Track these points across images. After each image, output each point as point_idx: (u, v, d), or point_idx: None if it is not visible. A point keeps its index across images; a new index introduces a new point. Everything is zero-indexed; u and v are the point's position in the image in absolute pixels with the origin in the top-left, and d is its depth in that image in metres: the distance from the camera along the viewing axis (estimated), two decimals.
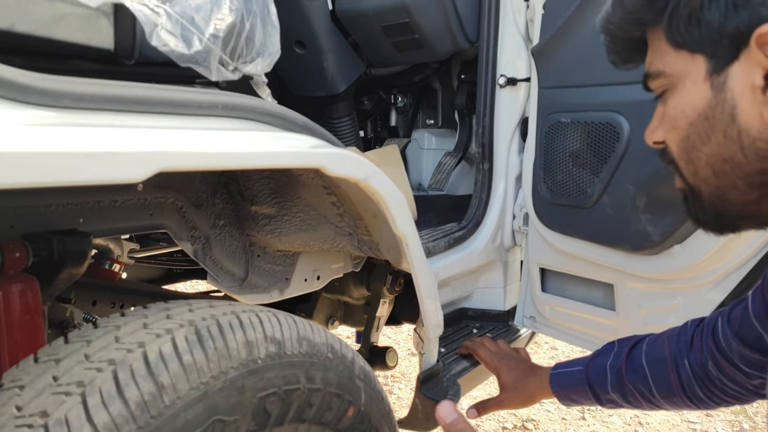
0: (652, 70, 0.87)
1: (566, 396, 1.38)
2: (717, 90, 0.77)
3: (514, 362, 1.54)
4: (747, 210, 0.82)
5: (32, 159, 0.65)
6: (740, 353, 1.07)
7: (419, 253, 1.39)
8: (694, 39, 0.78)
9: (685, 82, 0.82)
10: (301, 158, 1.03)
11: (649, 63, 0.88)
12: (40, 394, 0.74)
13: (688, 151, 0.84)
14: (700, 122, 0.80)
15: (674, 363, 1.21)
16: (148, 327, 0.88)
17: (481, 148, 2.01)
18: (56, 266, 1.14)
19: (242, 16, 1.21)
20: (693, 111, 0.81)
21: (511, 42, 1.95)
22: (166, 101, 0.92)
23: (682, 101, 0.82)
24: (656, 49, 0.85)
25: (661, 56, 0.84)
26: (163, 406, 0.78)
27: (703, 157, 0.82)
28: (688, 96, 0.81)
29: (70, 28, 0.97)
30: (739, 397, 1.15)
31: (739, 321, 1.08)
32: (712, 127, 0.79)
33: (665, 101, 0.87)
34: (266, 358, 0.94)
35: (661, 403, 1.25)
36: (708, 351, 1.16)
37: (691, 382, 1.19)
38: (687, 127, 0.82)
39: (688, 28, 0.78)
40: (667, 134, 0.87)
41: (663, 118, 0.88)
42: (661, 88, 0.87)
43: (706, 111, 0.79)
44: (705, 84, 0.79)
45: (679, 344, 1.22)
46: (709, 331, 1.17)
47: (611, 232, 1.64)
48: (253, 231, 1.52)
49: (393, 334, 4.43)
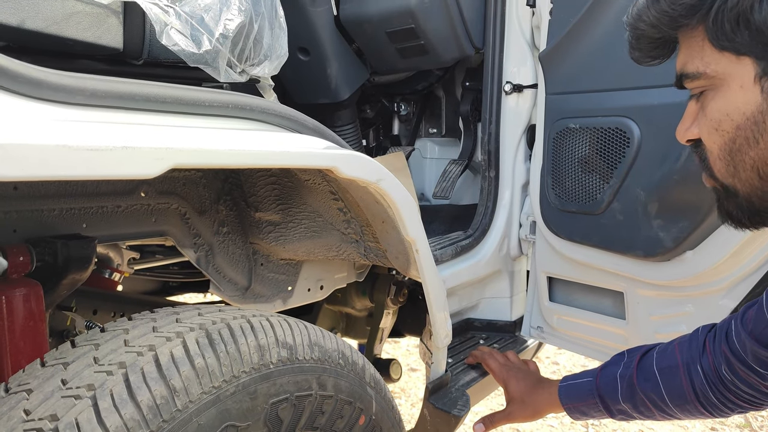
0: (690, 71, 0.85)
1: (576, 409, 1.36)
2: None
3: (523, 375, 1.52)
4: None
5: (47, 152, 0.64)
6: (755, 354, 1.06)
7: (429, 259, 1.37)
8: (742, 41, 0.77)
9: (729, 84, 0.80)
10: (314, 158, 1.01)
11: (685, 63, 0.87)
12: (49, 398, 0.72)
13: (732, 153, 0.83)
14: (748, 126, 0.79)
15: (687, 369, 1.19)
16: (158, 330, 0.86)
17: (486, 155, 2.00)
18: (60, 271, 1.12)
19: (251, 17, 1.20)
20: (740, 115, 0.80)
21: (516, 48, 1.94)
22: (177, 100, 0.90)
23: (728, 104, 0.81)
24: (694, 49, 0.84)
25: (701, 57, 0.83)
26: (176, 410, 0.75)
27: (749, 160, 0.81)
28: (734, 99, 0.80)
29: (80, 26, 0.96)
30: (753, 401, 1.13)
31: (753, 321, 1.06)
32: (762, 131, 0.78)
33: (704, 102, 0.86)
34: (278, 363, 0.92)
35: (674, 411, 1.23)
36: (721, 354, 1.14)
37: (704, 387, 1.17)
38: (733, 130, 0.81)
39: (736, 29, 0.77)
40: (707, 136, 0.86)
41: (699, 118, 0.87)
42: (700, 88, 0.86)
43: (755, 115, 0.78)
44: (754, 87, 0.77)
45: (691, 350, 1.21)
46: (723, 335, 1.15)
47: (622, 238, 1.62)
48: (257, 238, 1.50)
49: (391, 350, 4.39)
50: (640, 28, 0.88)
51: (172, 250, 1.73)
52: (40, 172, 0.63)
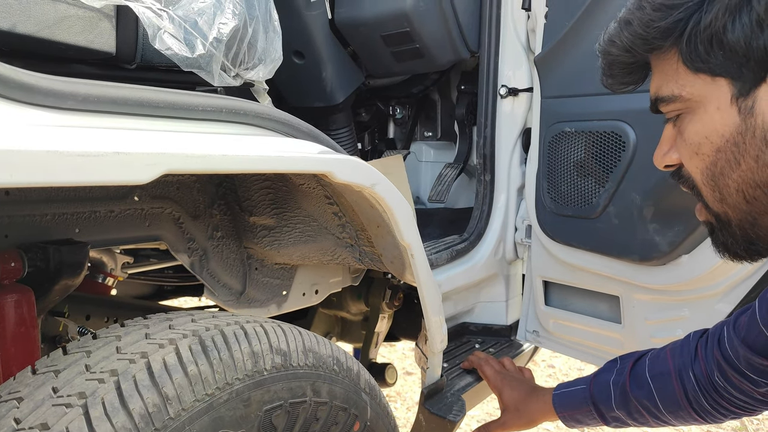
0: (665, 94, 0.84)
1: (570, 417, 1.35)
2: (745, 114, 0.75)
3: (517, 383, 1.52)
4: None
5: (39, 158, 0.63)
6: (747, 360, 1.05)
7: (424, 264, 1.36)
8: (716, 62, 0.76)
9: (706, 106, 0.79)
10: (308, 163, 1.01)
11: (659, 86, 0.85)
12: (39, 406, 0.71)
13: (715, 178, 0.82)
14: (728, 148, 0.78)
15: (678, 375, 1.19)
16: (151, 337, 0.85)
17: (482, 159, 1.99)
18: (52, 277, 1.11)
19: (245, 21, 1.19)
20: (719, 137, 0.79)
21: (512, 52, 1.94)
22: (170, 104, 0.89)
23: (705, 127, 0.80)
24: (668, 72, 0.83)
25: (675, 80, 0.82)
26: (168, 418, 0.75)
27: (732, 183, 0.80)
28: (712, 121, 0.79)
29: (71, 30, 0.95)
30: (746, 408, 1.13)
31: (745, 328, 1.06)
32: (743, 152, 0.77)
33: (681, 125, 0.84)
34: (272, 370, 0.91)
35: (668, 417, 1.22)
36: (714, 361, 1.14)
37: (696, 394, 1.16)
38: (713, 153, 0.80)
39: (710, 51, 0.76)
40: (688, 160, 0.85)
41: (678, 142, 0.86)
42: (676, 112, 0.85)
43: (734, 136, 0.77)
44: (731, 108, 0.77)
45: (683, 356, 1.20)
46: (715, 341, 1.15)
47: (617, 242, 1.62)
48: (251, 243, 1.49)
49: (387, 353, 4.38)
50: (612, 53, 0.87)
51: (166, 254, 1.72)
52: (30, 179, 0.62)
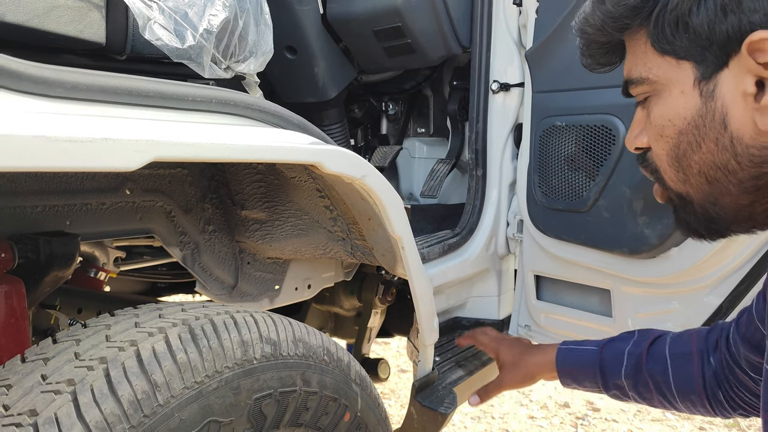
0: (634, 76, 0.85)
1: (569, 374, 1.31)
2: (706, 98, 0.76)
3: (515, 341, 1.47)
4: (740, 214, 0.81)
5: (27, 143, 0.63)
6: (747, 358, 1.06)
7: (415, 256, 1.36)
8: (681, 45, 0.77)
9: (671, 89, 0.80)
10: (298, 153, 1.01)
11: (630, 68, 0.86)
12: (28, 393, 0.72)
13: (678, 159, 0.83)
14: (690, 131, 0.79)
15: (701, 359, 1.17)
16: (140, 326, 0.85)
17: (474, 154, 2.00)
18: (43, 268, 1.11)
19: (236, 14, 1.20)
20: (682, 119, 0.79)
21: (503, 47, 1.94)
22: (160, 94, 0.89)
23: (669, 109, 0.81)
24: (638, 53, 0.84)
25: (644, 62, 0.83)
26: (157, 405, 0.75)
27: (695, 165, 0.81)
28: (676, 104, 0.80)
29: (61, 20, 0.95)
30: (756, 406, 1.11)
31: (745, 326, 1.06)
32: (703, 135, 0.78)
33: (649, 108, 0.85)
34: (262, 359, 0.92)
35: (675, 399, 1.19)
36: (724, 357, 1.14)
37: (713, 382, 1.15)
38: (676, 135, 0.81)
39: (676, 33, 0.76)
40: (654, 143, 0.86)
41: (646, 125, 0.87)
42: (643, 94, 0.85)
43: (695, 119, 0.78)
44: (694, 91, 0.77)
45: (708, 342, 1.18)
46: (724, 338, 1.15)
47: (608, 236, 1.63)
48: (243, 237, 1.50)
49: (381, 351, 4.39)
50: (587, 32, 0.88)
51: (159, 251, 1.73)
52: (17, 163, 0.62)
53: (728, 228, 0.85)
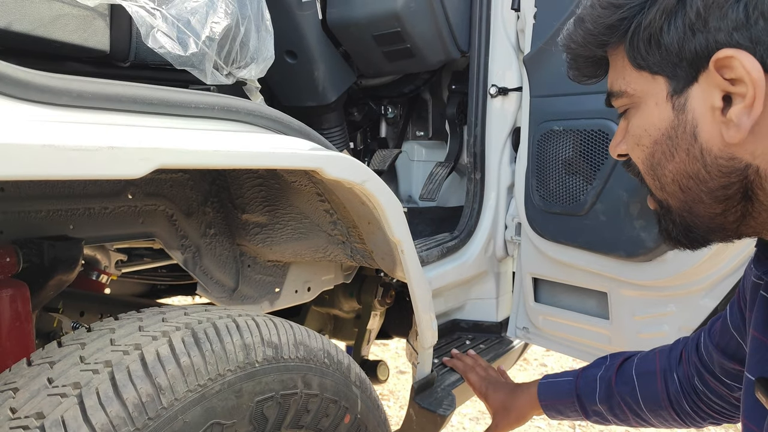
0: (615, 89, 0.89)
1: (552, 407, 1.39)
2: (678, 111, 0.79)
3: (500, 384, 1.56)
4: (714, 222, 0.84)
5: (32, 152, 0.64)
6: (721, 365, 1.10)
7: (414, 260, 1.38)
8: (654, 61, 0.80)
9: (647, 102, 0.83)
10: (300, 159, 1.03)
11: (612, 82, 0.90)
12: (35, 396, 0.73)
13: (653, 167, 0.86)
14: (663, 141, 0.82)
15: (663, 376, 1.23)
16: (144, 330, 0.86)
17: (472, 158, 2.01)
18: (47, 272, 1.12)
19: (237, 20, 1.21)
20: (656, 130, 0.83)
21: (501, 52, 1.96)
22: (163, 101, 0.91)
23: (645, 121, 0.84)
24: (618, 68, 0.87)
25: (623, 76, 0.86)
26: (161, 407, 0.76)
27: (669, 174, 0.84)
28: (651, 116, 0.83)
29: (66, 28, 0.97)
30: (724, 413, 1.17)
31: (719, 333, 1.11)
32: (676, 145, 0.81)
33: (629, 118, 0.89)
34: (263, 362, 0.93)
35: (647, 416, 1.26)
36: (693, 366, 1.19)
37: (678, 395, 1.21)
38: (651, 145, 0.84)
39: (649, 50, 0.80)
40: (632, 151, 0.90)
41: (626, 134, 0.90)
42: (624, 106, 0.89)
43: (668, 130, 0.81)
44: (667, 104, 0.80)
45: (670, 359, 1.25)
46: (694, 347, 1.20)
47: (605, 239, 1.64)
48: (244, 240, 1.51)
49: (380, 352, 4.40)
50: (571, 47, 0.91)
51: (160, 253, 1.74)
52: (25, 171, 0.63)
53: (706, 237, 0.88)
